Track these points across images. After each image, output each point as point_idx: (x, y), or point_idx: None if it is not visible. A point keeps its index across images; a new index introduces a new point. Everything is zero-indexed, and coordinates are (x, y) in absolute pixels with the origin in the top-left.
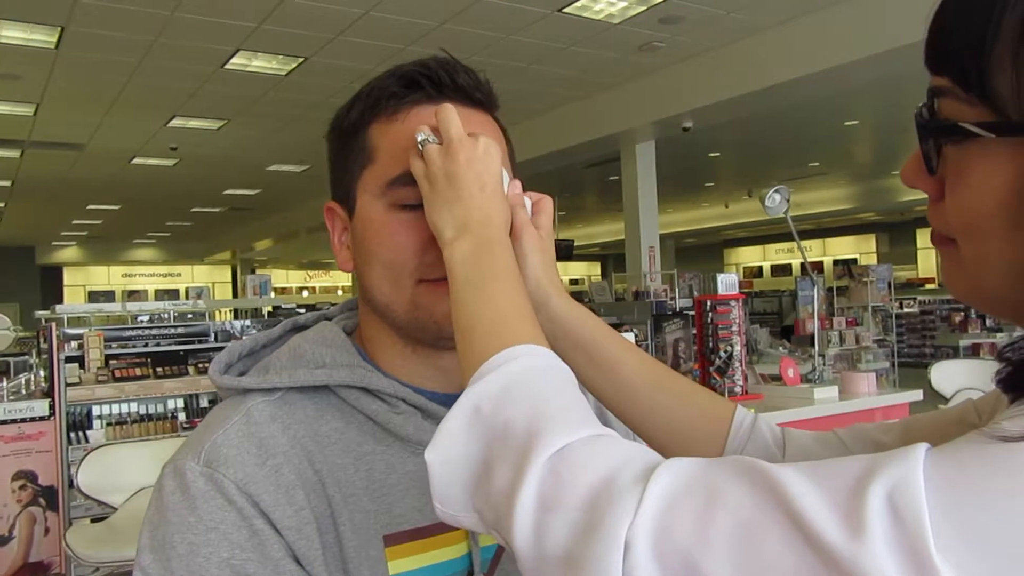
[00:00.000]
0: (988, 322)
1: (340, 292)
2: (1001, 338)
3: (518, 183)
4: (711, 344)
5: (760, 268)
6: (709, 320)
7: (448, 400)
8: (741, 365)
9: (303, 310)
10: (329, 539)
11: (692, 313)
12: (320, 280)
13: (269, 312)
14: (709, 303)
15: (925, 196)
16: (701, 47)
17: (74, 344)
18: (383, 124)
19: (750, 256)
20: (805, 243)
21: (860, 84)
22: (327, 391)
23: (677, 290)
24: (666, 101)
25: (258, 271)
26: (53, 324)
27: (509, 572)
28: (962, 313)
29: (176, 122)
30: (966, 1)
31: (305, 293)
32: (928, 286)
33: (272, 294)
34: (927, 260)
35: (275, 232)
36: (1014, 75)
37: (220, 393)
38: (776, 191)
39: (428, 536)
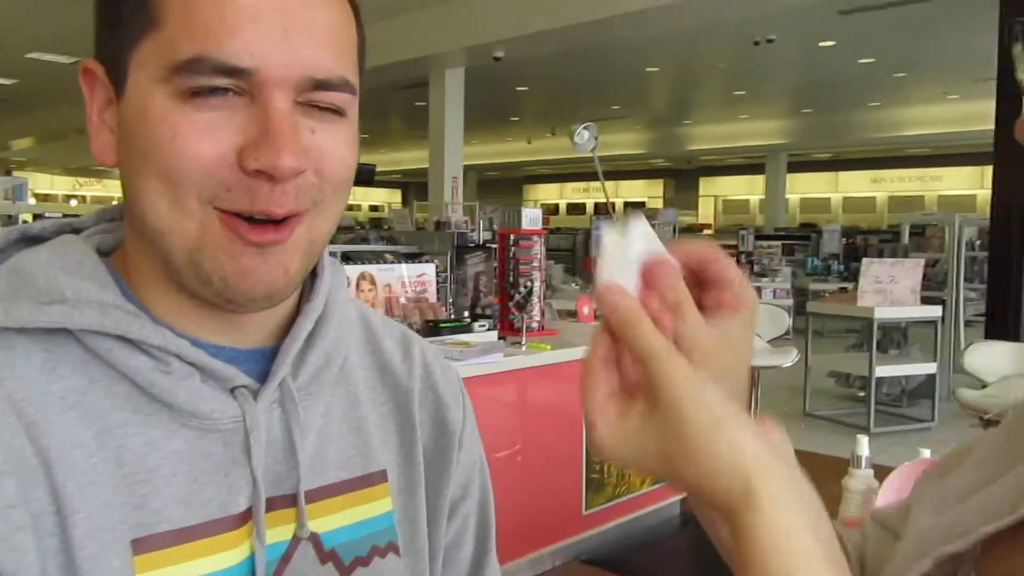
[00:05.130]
0: (756, 267)
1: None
2: (766, 282)
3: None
4: (512, 279)
5: (557, 206)
6: (511, 255)
7: (243, 358)
8: (540, 301)
9: None
10: (50, 546)
11: (494, 246)
12: (92, 189)
13: (26, 223)
14: (512, 237)
15: (708, 147)
16: None
17: None
18: None
19: (548, 193)
20: (600, 184)
21: (662, 31)
22: (66, 335)
23: (480, 223)
24: (479, 27)
25: (15, 173)
26: None
27: (302, 574)
28: (734, 258)
29: None
30: None
31: (73, 203)
32: (706, 232)
33: (31, 200)
34: (706, 207)
35: (38, 131)
36: None
37: None
38: (585, 128)
39: (196, 539)
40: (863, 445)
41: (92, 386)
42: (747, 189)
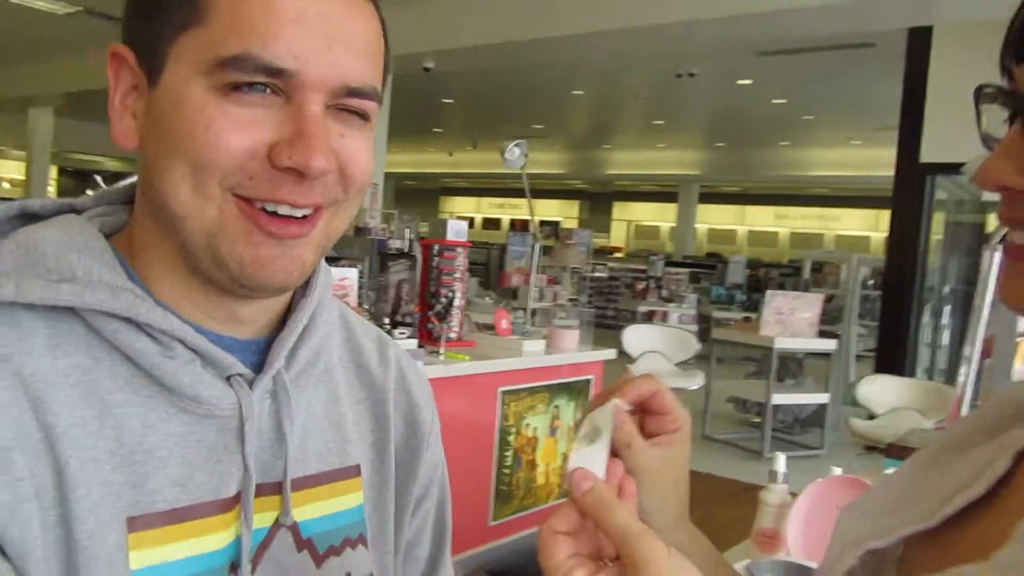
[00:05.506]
0: (663, 292)
1: (117, 187)
2: (673, 308)
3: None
4: (433, 288)
5: (472, 219)
6: (435, 264)
7: (239, 348)
8: (460, 312)
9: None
10: (50, 519)
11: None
12: None
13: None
14: (436, 247)
15: (624, 173)
16: None
17: None
18: None
19: (465, 206)
20: (516, 201)
21: (590, 58)
22: (69, 314)
23: (406, 232)
24: (411, 37)
25: None
26: None
27: (280, 562)
28: (644, 282)
29: None
30: None
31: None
32: (616, 254)
33: None
34: (619, 231)
35: None
36: None
37: None
38: (516, 145)
39: (188, 519)
40: (781, 462)
41: (96, 365)
42: (659, 216)
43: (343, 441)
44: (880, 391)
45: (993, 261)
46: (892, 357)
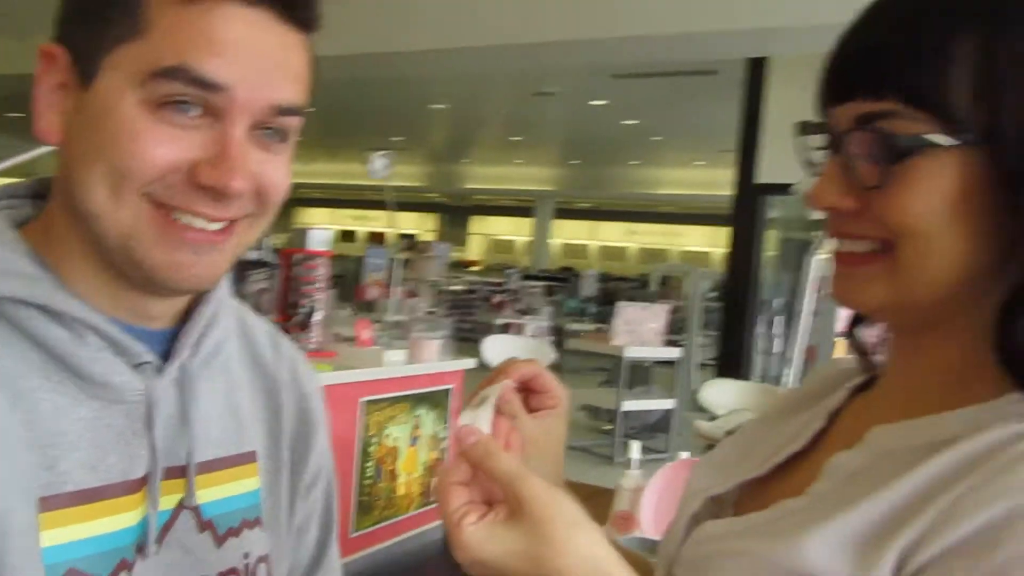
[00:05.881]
0: (520, 305)
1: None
2: (528, 320)
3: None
4: (294, 298)
5: (328, 230)
6: (295, 274)
7: (146, 337)
8: (320, 323)
9: None
10: None
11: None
12: None
13: None
14: (297, 257)
15: (482, 187)
16: None
17: None
18: (173, 1)
19: (319, 218)
20: (373, 213)
21: (449, 73)
22: None
23: (264, 242)
24: None
25: None
26: None
27: (183, 542)
28: (501, 296)
29: None
30: (907, 33)
31: None
32: (474, 268)
33: None
34: (476, 244)
35: None
36: (972, 93)
37: None
38: (382, 155)
39: (98, 500)
40: (635, 450)
41: (6, 352)
42: (515, 230)
43: (240, 428)
44: (720, 394)
45: (811, 272)
46: (731, 364)
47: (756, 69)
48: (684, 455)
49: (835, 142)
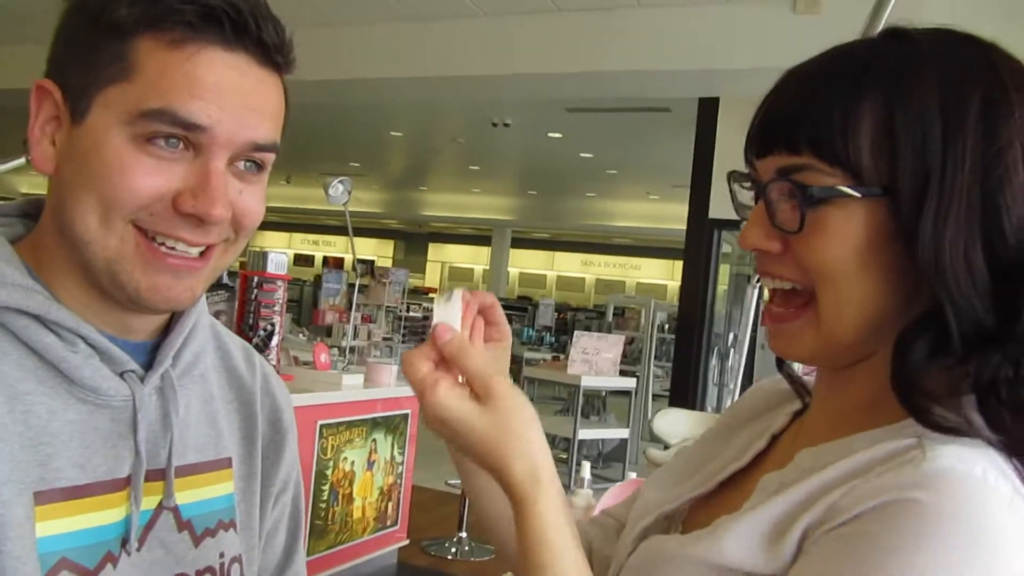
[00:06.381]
0: None
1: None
2: None
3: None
4: (252, 321)
5: (284, 256)
6: (253, 296)
7: (130, 348)
8: (277, 347)
9: None
10: None
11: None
12: None
13: None
14: (256, 279)
15: (440, 215)
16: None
17: None
18: (160, 47)
19: (276, 242)
20: (330, 238)
21: (407, 101)
22: None
23: None
24: None
25: None
26: None
27: (163, 540)
28: None
29: None
30: (819, 97)
31: None
32: (431, 295)
33: None
34: (434, 271)
35: None
36: (873, 151)
37: None
38: (340, 181)
39: (86, 496)
40: (586, 470)
41: (4, 358)
42: (473, 259)
43: (217, 436)
44: (672, 423)
45: (752, 305)
46: (684, 394)
47: (707, 108)
48: (632, 475)
49: (760, 191)
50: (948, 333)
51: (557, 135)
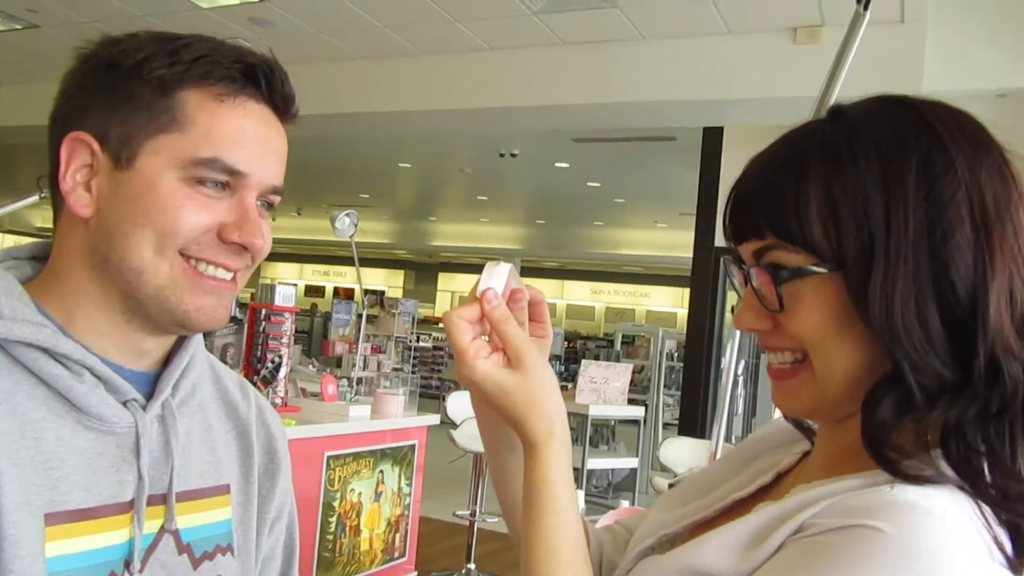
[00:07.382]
0: None
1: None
2: None
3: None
4: (260, 353)
5: (295, 286)
6: (261, 329)
7: (134, 378)
8: (285, 378)
9: None
10: None
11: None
12: None
13: None
14: (264, 312)
15: (450, 244)
16: (288, 58)
17: None
18: (207, 100)
19: (287, 272)
20: (340, 268)
21: (416, 133)
22: None
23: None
24: None
25: None
26: None
27: (164, 563)
28: None
29: None
30: (771, 183)
31: None
32: (441, 325)
33: None
34: (444, 301)
35: None
36: (822, 229)
37: None
38: (347, 214)
39: (93, 518)
40: (580, 499)
41: (16, 388)
42: None
43: (217, 463)
44: (679, 452)
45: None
46: (692, 423)
47: (712, 137)
48: (624, 503)
49: (745, 275)
50: (911, 390)
51: (564, 165)
